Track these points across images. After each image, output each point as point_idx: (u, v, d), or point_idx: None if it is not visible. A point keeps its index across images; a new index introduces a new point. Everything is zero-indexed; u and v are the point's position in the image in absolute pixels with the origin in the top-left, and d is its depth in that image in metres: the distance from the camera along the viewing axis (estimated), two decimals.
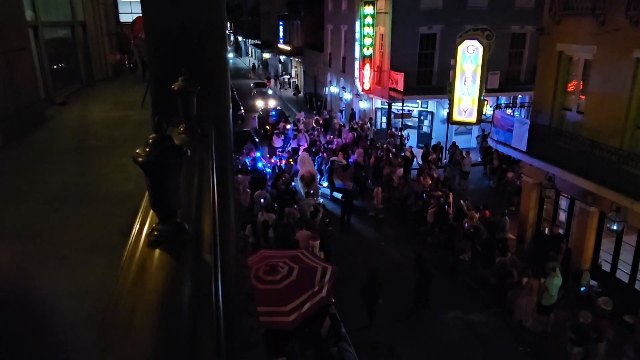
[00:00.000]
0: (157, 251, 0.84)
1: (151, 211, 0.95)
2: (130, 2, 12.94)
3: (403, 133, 22.52)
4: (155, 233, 0.90)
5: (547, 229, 13.66)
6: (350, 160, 18.35)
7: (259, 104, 31.90)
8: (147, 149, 0.88)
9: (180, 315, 0.64)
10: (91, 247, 2.66)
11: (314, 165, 18.12)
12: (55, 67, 8.58)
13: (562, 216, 13.46)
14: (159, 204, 0.91)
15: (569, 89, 12.94)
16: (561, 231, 13.20)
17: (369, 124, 25.11)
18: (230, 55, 68.91)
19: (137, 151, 0.86)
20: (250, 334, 2.40)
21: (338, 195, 17.22)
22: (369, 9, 23.47)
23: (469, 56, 17.16)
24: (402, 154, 19.56)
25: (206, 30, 2.11)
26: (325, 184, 18.23)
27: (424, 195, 15.33)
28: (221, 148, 2.11)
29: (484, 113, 18.38)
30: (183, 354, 0.56)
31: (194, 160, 1.41)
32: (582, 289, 11.63)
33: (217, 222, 1.15)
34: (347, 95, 29.01)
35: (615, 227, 10.72)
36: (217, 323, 0.71)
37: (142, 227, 0.94)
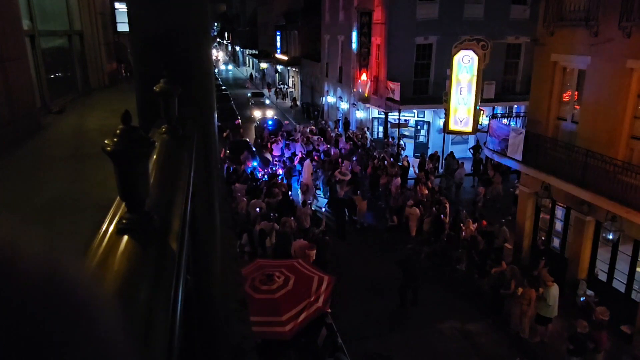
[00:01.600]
0: (124, 238, 0.87)
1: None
2: (127, 12, 13.00)
3: (400, 142, 22.60)
4: (124, 221, 0.95)
5: (541, 244, 13.66)
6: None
7: (257, 114, 31.97)
8: (115, 139, 0.93)
9: (137, 300, 0.66)
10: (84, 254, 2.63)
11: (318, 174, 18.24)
12: (51, 75, 8.59)
13: (559, 225, 13.49)
14: (127, 193, 0.96)
15: (563, 99, 13.04)
16: (557, 241, 13.22)
17: (367, 133, 25.20)
18: (230, 67, 69.06)
19: (106, 141, 0.91)
20: (242, 341, 2.39)
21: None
22: (365, 20, 23.66)
23: (465, 66, 17.29)
24: (400, 164, 19.61)
25: (191, 34, 2.16)
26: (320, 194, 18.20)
27: (420, 205, 15.35)
28: (206, 151, 2.12)
29: (480, 123, 18.48)
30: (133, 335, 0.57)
31: (172, 159, 1.43)
32: (582, 299, 11.61)
33: (187, 218, 1.19)
34: (343, 105, 29.13)
35: (611, 237, 10.74)
36: (173, 311, 0.72)
37: (114, 217, 0.98)
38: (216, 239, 2.25)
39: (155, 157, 1.34)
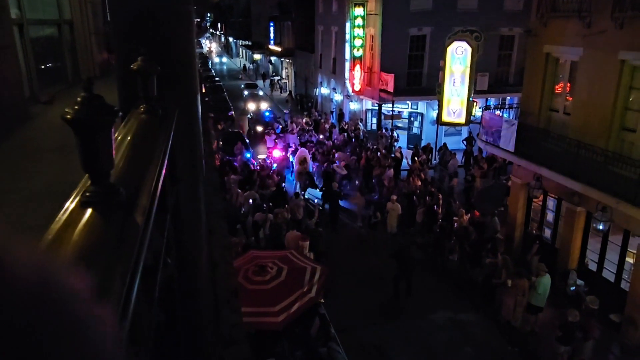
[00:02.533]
0: (88, 211, 0.84)
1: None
2: None
3: (394, 134, 22.61)
4: (87, 194, 0.90)
5: (534, 230, 13.79)
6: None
7: (251, 106, 31.77)
8: (76, 107, 0.88)
9: (92, 269, 0.65)
10: None
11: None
12: (41, 65, 8.48)
13: (550, 216, 13.60)
14: (89, 164, 0.91)
15: (556, 91, 13.08)
16: (549, 230, 13.34)
17: (360, 125, 25.17)
18: (224, 59, 68.23)
19: (66, 109, 0.87)
20: (232, 330, 2.40)
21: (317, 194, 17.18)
22: (359, 10, 23.54)
23: (458, 57, 17.27)
24: (392, 155, 19.63)
25: (173, 14, 2.12)
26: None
27: (414, 197, 15.39)
28: (189, 132, 2.10)
29: (473, 114, 18.49)
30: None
31: (147, 137, 1.41)
32: (572, 288, 11.75)
33: (157, 195, 1.16)
34: (337, 97, 29.06)
35: (601, 227, 10.84)
36: (130, 283, 0.71)
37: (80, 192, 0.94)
38: (201, 224, 2.25)
39: (130, 135, 1.32)
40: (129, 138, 1.28)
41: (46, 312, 0.39)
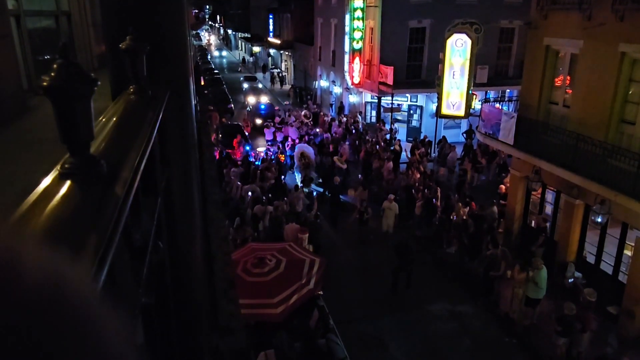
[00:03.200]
0: (66, 183, 0.83)
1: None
2: None
3: (393, 127, 22.56)
4: (66, 166, 0.87)
5: (533, 222, 13.81)
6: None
7: (251, 99, 31.63)
8: (52, 74, 0.84)
9: (66, 238, 0.64)
10: None
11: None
12: (38, 57, 8.44)
13: (548, 209, 13.62)
14: (67, 135, 0.87)
15: (556, 83, 13.05)
16: (548, 224, 13.36)
17: (359, 117, 25.12)
18: (224, 53, 67.29)
19: (42, 77, 0.84)
20: (230, 320, 2.41)
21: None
22: (358, 3, 23.41)
23: (458, 50, 17.22)
24: (392, 148, 19.62)
25: None
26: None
27: (412, 190, 15.40)
28: (181, 116, 2.09)
29: (472, 107, 18.47)
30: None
31: (135, 115, 1.40)
32: (570, 280, 11.79)
33: (140, 170, 1.15)
34: (336, 89, 28.98)
35: (599, 220, 10.86)
36: (104, 255, 0.70)
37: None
38: (195, 210, 2.25)
39: (118, 114, 1.31)
40: (115, 117, 1.27)
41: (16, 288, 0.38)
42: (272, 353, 7.71)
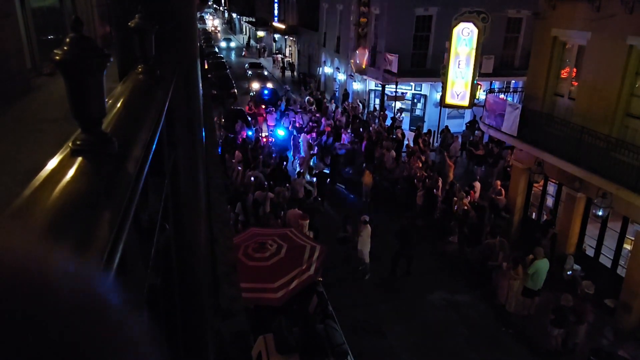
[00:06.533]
0: (78, 159, 0.81)
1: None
2: None
3: (397, 116, 22.45)
4: (78, 142, 0.85)
5: (534, 214, 13.83)
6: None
7: (255, 86, 31.31)
8: (65, 48, 0.82)
9: (78, 216, 0.64)
10: None
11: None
12: (42, 37, 8.39)
13: (550, 201, 13.62)
14: (80, 110, 0.85)
15: (562, 75, 12.96)
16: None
17: (360, 105, 24.98)
18: (233, 44, 65.50)
19: (55, 51, 0.83)
20: (231, 303, 2.44)
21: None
22: None
23: (464, 39, 17.06)
24: (394, 136, 19.55)
25: None
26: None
27: (414, 179, 15.39)
28: (187, 98, 2.09)
29: (477, 97, 18.35)
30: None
31: (145, 94, 1.40)
32: (569, 273, 11.85)
33: (152, 149, 1.14)
34: (341, 76, 28.79)
35: (600, 213, 10.88)
36: (118, 233, 0.70)
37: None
38: (200, 193, 2.26)
39: (127, 93, 1.31)
40: (124, 97, 1.26)
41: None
42: (270, 337, 7.80)
